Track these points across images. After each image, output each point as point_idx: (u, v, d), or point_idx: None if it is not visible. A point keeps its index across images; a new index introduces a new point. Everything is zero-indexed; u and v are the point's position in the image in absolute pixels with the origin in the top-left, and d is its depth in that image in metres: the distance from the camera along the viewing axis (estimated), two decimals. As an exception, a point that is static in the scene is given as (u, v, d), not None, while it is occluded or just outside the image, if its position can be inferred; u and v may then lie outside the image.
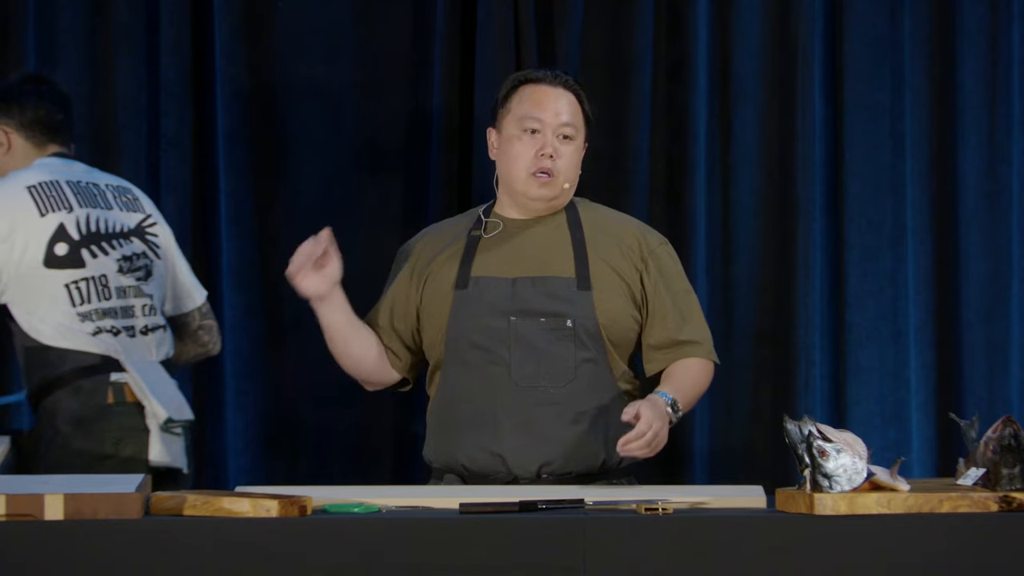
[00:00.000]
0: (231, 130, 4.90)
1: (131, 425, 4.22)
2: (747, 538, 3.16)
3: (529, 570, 3.11)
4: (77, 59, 4.89)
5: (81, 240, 4.25)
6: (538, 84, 3.89)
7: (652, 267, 3.90)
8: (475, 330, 3.82)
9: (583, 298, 3.82)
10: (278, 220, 4.93)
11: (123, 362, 4.24)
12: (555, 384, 3.78)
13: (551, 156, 3.84)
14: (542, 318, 3.80)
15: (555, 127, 3.85)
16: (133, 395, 4.24)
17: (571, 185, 3.88)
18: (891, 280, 4.94)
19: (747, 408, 4.92)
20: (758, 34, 4.94)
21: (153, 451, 4.24)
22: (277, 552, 3.11)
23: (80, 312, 4.22)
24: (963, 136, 4.95)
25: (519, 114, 3.87)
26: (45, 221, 4.22)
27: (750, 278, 4.93)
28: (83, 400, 4.19)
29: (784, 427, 3.30)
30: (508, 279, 3.83)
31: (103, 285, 4.27)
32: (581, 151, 3.90)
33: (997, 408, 4.83)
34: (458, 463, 3.82)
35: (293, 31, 4.93)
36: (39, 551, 3.08)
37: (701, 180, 4.91)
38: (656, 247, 3.92)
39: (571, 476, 3.78)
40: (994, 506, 3.21)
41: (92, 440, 4.18)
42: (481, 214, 3.95)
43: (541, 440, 3.76)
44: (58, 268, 4.22)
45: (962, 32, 4.95)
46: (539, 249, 3.87)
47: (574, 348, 3.80)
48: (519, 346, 3.79)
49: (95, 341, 4.23)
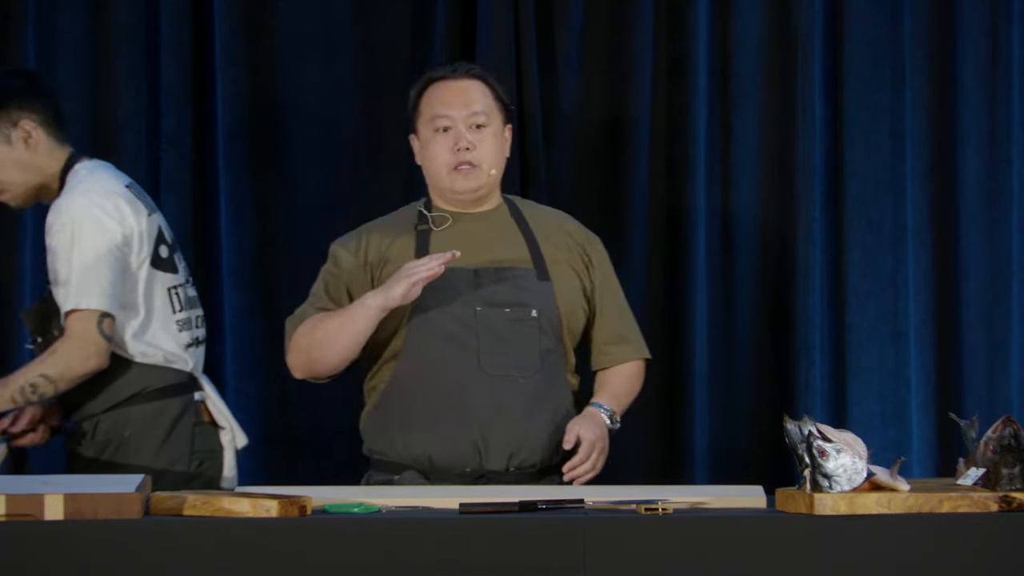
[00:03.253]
0: (231, 130, 4.89)
1: (209, 447, 4.18)
2: (747, 538, 3.16)
3: (529, 570, 3.11)
4: (77, 59, 4.88)
5: (172, 245, 4.22)
6: (442, 81, 3.94)
7: (595, 261, 3.98)
8: (442, 319, 3.82)
9: (544, 288, 3.86)
10: (278, 220, 4.93)
11: (202, 380, 4.20)
12: (523, 374, 3.81)
13: (467, 148, 3.86)
14: (507, 308, 3.82)
15: (465, 119, 3.88)
16: (209, 414, 4.21)
17: (498, 171, 3.92)
18: (891, 280, 4.94)
19: (747, 408, 4.92)
20: (758, 34, 4.94)
21: (227, 473, 4.21)
22: (277, 552, 3.11)
23: (179, 320, 4.17)
24: (963, 136, 4.95)
25: (428, 115, 3.92)
26: (151, 220, 4.16)
27: (750, 278, 4.93)
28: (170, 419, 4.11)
29: (784, 427, 3.30)
30: (470, 269, 3.85)
31: (186, 294, 4.23)
32: (502, 136, 3.94)
33: (997, 408, 4.82)
34: (425, 455, 3.80)
35: (293, 31, 4.93)
36: (39, 551, 3.08)
37: (701, 180, 4.91)
38: (595, 243, 4.02)
39: (535, 468, 3.80)
40: (994, 506, 3.21)
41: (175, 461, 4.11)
42: (422, 209, 3.96)
43: (511, 430, 3.78)
44: (163, 271, 4.16)
45: (962, 32, 4.95)
46: (492, 241, 3.90)
47: (538, 338, 3.83)
48: (487, 335, 3.80)
49: (187, 356, 4.15)
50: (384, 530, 3.17)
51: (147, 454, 4.08)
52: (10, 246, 4.85)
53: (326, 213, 4.91)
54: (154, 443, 4.10)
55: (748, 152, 4.95)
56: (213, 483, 4.15)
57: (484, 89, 3.93)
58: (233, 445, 4.21)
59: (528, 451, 3.80)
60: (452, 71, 3.95)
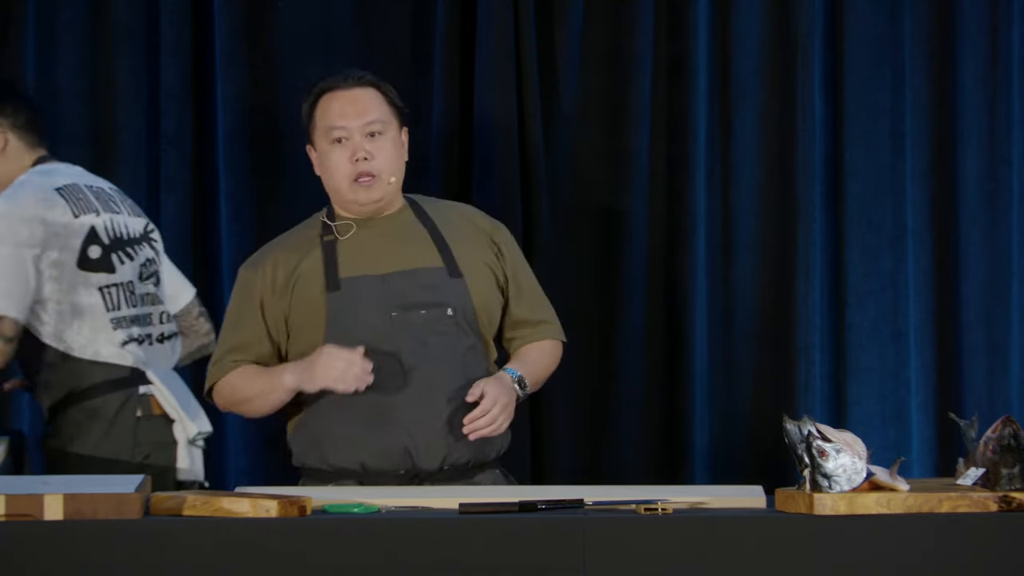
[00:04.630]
0: (231, 130, 4.90)
1: (158, 439, 4.20)
2: (747, 538, 3.16)
3: (529, 570, 3.11)
4: (77, 59, 4.88)
5: (110, 245, 4.22)
6: (333, 92, 3.91)
7: (504, 249, 3.96)
8: (357, 329, 3.80)
9: (457, 286, 3.84)
10: (278, 220, 4.92)
11: (149, 373, 4.22)
12: (446, 373, 3.79)
13: (366, 159, 3.85)
14: (422, 310, 3.81)
15: (361, 128, 3.86)
16: (159, 407, 4.22)
17: (397, 179, 3.90)
18: (891, 280, 4.94)
19: (747, 408, 4.92)
20: (758, 34, 4.94)
21: (181, 465, 4.22)
22: (277, 552, 3.11)
23: (113, 318, 4.19)
24: (963, 136, 4.95)
25: (324, 127, 3.89)
26: (79, 223, 4.17)
27: (750, 278, 4.93)
28: (112, 414, 4.15)
29: (784, 427, 3.30)
30: (379, 276, 3.84)
31: (130, 292, 4.24)
32: (399, 141, 3.92)
33: (997, 408, 4.82)
34: (357, 462, 3.80)
35: (293, 31, 4.93)
36: (39, 551, 3.08)
37: (701, 180, 4.91)
38: (501, 230, 4.00)
39: (469, 465, 3.80)
40: (994, 506, 3.21)
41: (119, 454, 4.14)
42: (325, 220, 3.94)
43: (441, 430, 3.77)
44: (92, 271, 4.18)
45: (962, 32, 4.95)
46: (399, 244, 3.88)
47: (457, 336, 3.82)
48: (406, 339, 3.79)
49: (124, 352, 4.19)
50: (384, 530, 3.17)
51: (90, 447, 4.13)
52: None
53: (326, 213, 4.91)
54: (95, 437, 4.13)
55: (748, 152, 4.95)
56: (165, 475, 4.16)
57: (377, 96, 3.91)
58: (185, 436, 4.23)
59: (460, 449, 3.79)
60: (343, 80, 3.91)
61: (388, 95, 3.93)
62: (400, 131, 3.94)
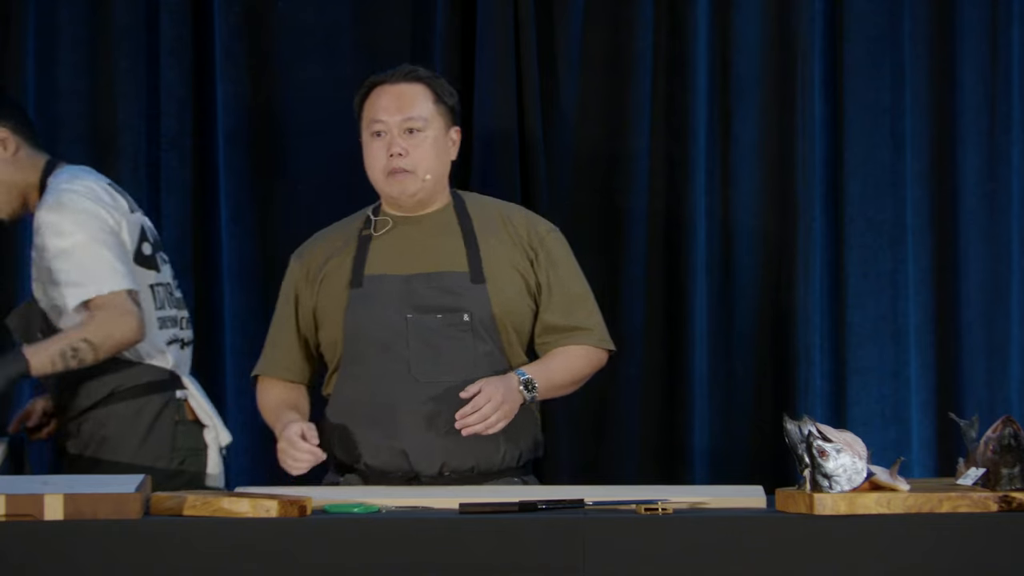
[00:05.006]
0: (231, 130, 4.90)
1: (192, 445, 4.18)
2: (747, 538, 3.16)
3: (529, 570, 3.11)
4: (77, 59, 4.88)
5: (155, 244, 4.22)
6: (380, 86, 3.93)
7: (542, 255, 3.92)
8: (372, 328, 3.83)
9: (478, 291, 3.84)
10: (278, 220, 4.93)
11: (184, 379, 4.21)
12: (455, 379, 3.78)
13: (400, 154, 3.85)
14: (438, 314, 3.82)
15: (398, 124, 3.87)
16: (193, 413, 4.21)
17: (433, 177, 3.89)
18: (891, 280, 4.94)
19: (747, 408, 4.91)
20: (758, 34, 4.94)
21: (211, 471, 4.21)
22: (277, 552, 3.11)
23: (160, 317, 4.18)
24: (963, 136, 4.95)
25: (367, 119, 3.92)
26: (134, 218, 4.16)
27: (750, 278, 4.93)
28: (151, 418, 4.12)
29: (784, 427, 3.30)
30: (401, 276, 3.85)
31: (169, 293, 4.24)
32: (442, 140, 3.91)
33: (997, 408, 4.82)
34: (360, 460, 3.82)
35: (293, 31, 4.93)
36: (39, 551, 3.08)
37: (701, 180, 4.91)
38: (545, 234, 3.95)
39: (473, 472, 3.79)
40: (994, 506, 3.21)
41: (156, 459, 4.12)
42: (370, 213, 3.96)
43: (443, 436, 3.78)
44: (145, 268, 4.17)
45: (962, 32, 4.94)
46: (430, 245, 3.89)
47: (472, 342, 3.81)
48: (417, 342, 3.80)
49: (166, 354, 4.16)
50: (384, 530, 3.17)
51: (128, 451, 4.10)
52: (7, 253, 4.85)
53: (326, 213, 4.90)
54: (134, 441, 4.11)
55: (748, 152, 4.94)
56: (196, 480, 4.15)
57: (425, 93, 3.91)
58: (217, 443, 4.22)
59: (461, 456, 3.78)
60: (391, 75, 3.93)
61: (438, 92, 3.93)
62: (447, 130, 3.94)
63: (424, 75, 3.94)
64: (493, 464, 3.83)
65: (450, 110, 3.95)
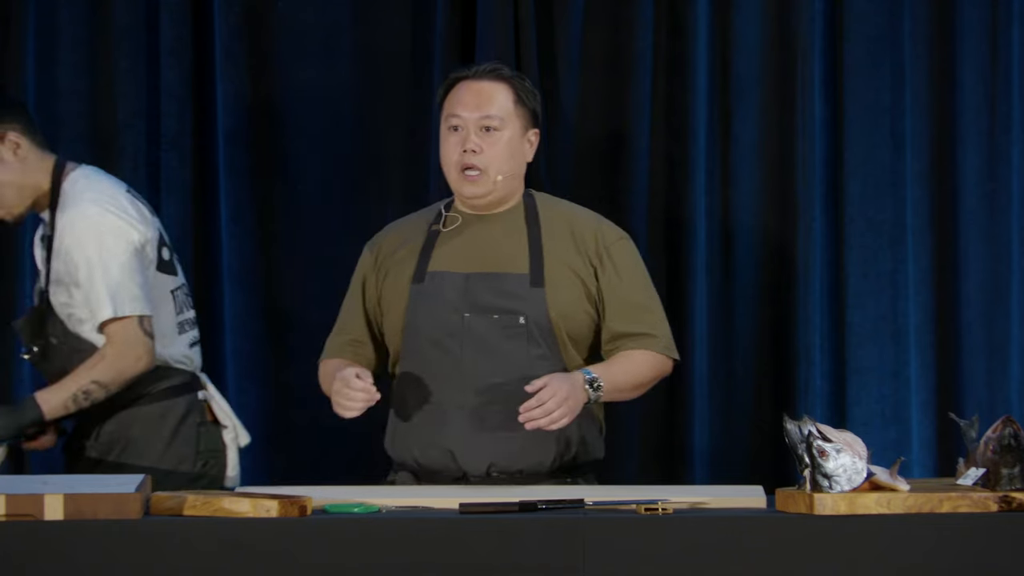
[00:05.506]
0: (231, 130, 4.90)
1: (213, 447, 4.19)
2: (747, 538, 3.16)
3: (529, 570, 3.11)
4: (77, 59, 4.88)
5: (171, 247, 4.23)
6: (463, 81, 3.91)
7: (608, 262, 3.89)
8: (429, 325, 3.82)
9: (535, 295, 3.82)
10: (278, 220, 4.93)
11: (203, 379, 4.20)
12: (507, 381, 3.78)
13: (473, 151, 3.83)
14: (495, 315, 3.81)
15: (475, 121, 3.85)
16: (212, 414, 4.21)
17: (505, 177, 3.86)
18: (891, 280, 4.94)
19: (747, 408, 4.91)
20: (758, 34, 4.94)
21: (231, 472, 4.22)
22: (277, 552, 3.11)
23: (180, 321, 4.18)
24: (963, 136, 4.95)
25: (445, 113, 3.90)
26: (154, 224, 4.17)
27: (750, 278, 4.93)
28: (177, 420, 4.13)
29: (784, 427, 3.30)
30: (462, 274, 3.84)
31: (186, 295, 4.24)
32: (518, 140, 3.88)
33: (997, 408, 4.82)
34: (411, 457, 3.82)
35: (293, 31, 4.93)
36: (39, 551, 3.08)
37: (701, 180, 4.91)
38: (613, 242, 3.92)
39: (521, 474, 3.78)
40: (994, 506, 3.21)
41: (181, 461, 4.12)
42: (442, 208, 3.96)
43: (491, 437, 3.77)
44: (166, 273, 4.17)
45: (962, 32, 4.94)
46: (494, 245, 3.87)
47: (526, 345, 3.80)
48: (471, 342, 3.79)
49: (190, 355, 4.17)
50: (384, 530, 3.17)
51: (153, 455, 4.09)
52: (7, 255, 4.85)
53: (326, 213, 4.92)
54: (160, 443, 4.11)
55: (748, 152, 4.94)
56: (217, 483, 4.15)
57: (506, 92, 3.88)
58: (236, 444, 4.22)
59: (510, 457, 3.78)
60: (475, 71, 3.90)
61: (519, 93, 3.89)
62: (524, 131, 3.90)
63: (507, 74, 3.91)
64: (543, 466, 3.81)
65: (531, 112, 3.91)
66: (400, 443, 3.87)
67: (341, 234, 4.91)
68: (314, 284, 4.89)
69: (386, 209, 4.94)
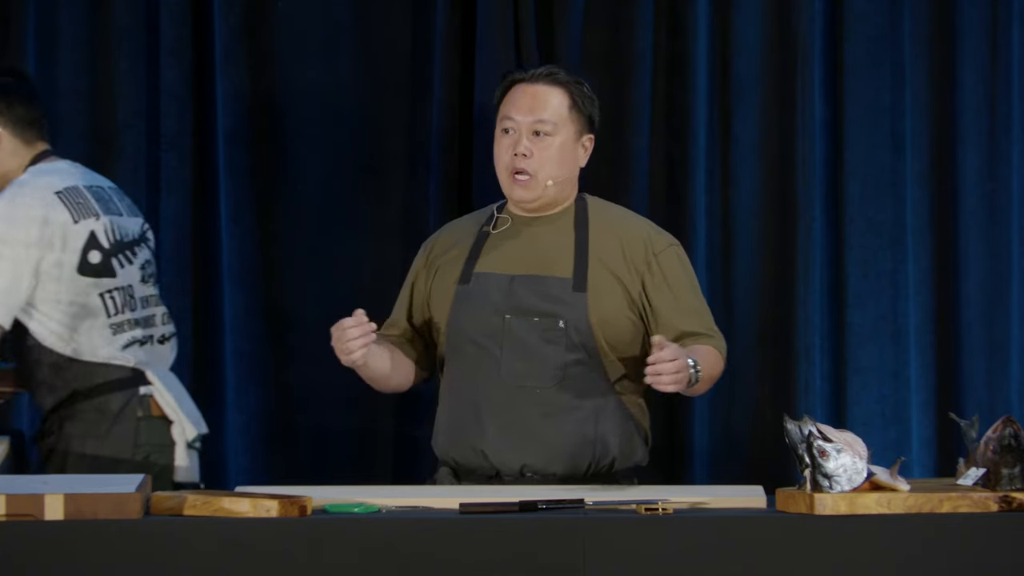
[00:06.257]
0: (231, 130, 4.90)
1: (158, 440, 4.20)
2: (747, 538, 3.16)
3: (529, 570, 3.11)
4: (77, 59, 4.88)
5: (111, 248, 4.22)
6: (519, 84, 3.89)
7: (656, 270, 3.86)
8: (472, 326, 3.83)
9: (577, 299, 3.80)
10: (278, 220, 4.93)
11: (149, 375, 4.22)
12: (542, 384, 3.77)
13: (524, 155, 3.82)
14: (536, 317, 3.80)
15: (528, 124, 3.83)
16: (159, 409, 4.22)
17: (555, 182, 3.85)
18: (891, 280, 4.94)
19: (747, 408, 4.92)
20: (758, 34, 4.94)
21: (179, 466, 4.23)
22: (277, 552, 3.11)
23: (113, 323, 4.19)
24: (963, 136, 4.95)
25: (500, 115, 3.89)
26: (78, 228, 4.16)
27: (750, 278, 4.93)
28: (114, 413, 4.16)
29: (784, 427, 3.30)
30: (507, 276, 3.84)
31: (130, 296, 4.24)
32: (571, 146, 3.86)
33: (997, 408, 4.82)
34: (449, 455, 3.84)
35: (293, 31, 4.93)
36: (39, 551, 3.08)
37: (701, 180, 4.91)
38: (662, 250, 3.89)
39: (555, 477, 3.78)
40: (994, 506, 3.21)
41: (119, 454, 4.15)
42: (495, 210, 3.96)
43: (524, 439, 3.77)
44: (92, 276, 4.17)
45: (962, 32, 4.95)
46: (541, 248, 3.86)
47: (564, 349, 3.79)
48: (510, 344, 3.79)
49: (126, 355, 4.20)
50: (384, 530, 3.17)
51: (91, 447, 4.14)
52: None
53: (326, 213, 4.92)
54: (97, 437, 4.14)
55: (748, 152, 4.94)
56: (163, 475, 4.16)
57: (561, 96, 3.85)
58: (184, 438, 4.23)
59: (544, 460, 3.77)
60: (532, 74, 3.87)
61: (575, 98, 3.86)
62: (579, 136, 3.87)
63: (564, 79, 3.87)
64: (579, 469, 3.80)
65: (586, 117, 3.88)
66: (441, 441, 3.88)
67: (341, 234, 4.91)
68: (314, 284, 4.89)
69: (386, 209, 4.94)
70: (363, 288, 4.87)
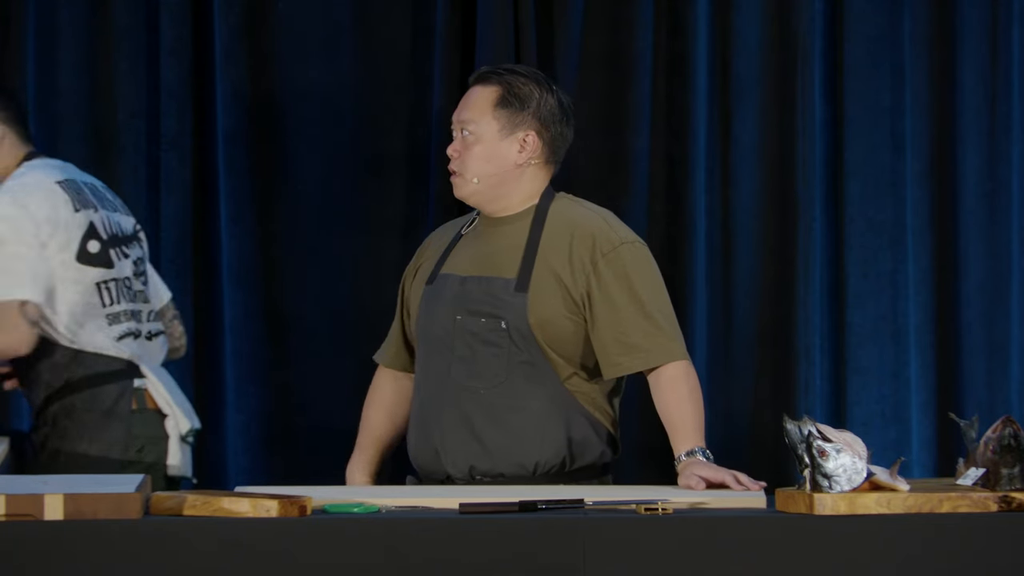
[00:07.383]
0: (231, 130, 4.90)
1: (151, 433, 4.21)
2: (747, 538, 3.16)
3: (529, 570, 3.11)
4: (77, 59, 4.89)
5: (108, 240, 4.23)
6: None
7: (601, 269, 3.77)
8: (431, 326, 3.84)
9: (518, 299, 3.78)
10: (278, 220, 4.94)
11: (143, 367, 4.23)
12: (486, 385, 3.77)
13: (452, 155, 3.84)
14: (482, 318, 3.79)
15: (456, 124, 3.86)
16: (153, 402, 4.23)
17: (483, 180, 3.81)
18: (891, 280, 4.94)
19: (747, 408, 4.92)
20: (758, 34, 4.94)
21: (172, 460, 4.23)
22: (277, 552, 3.11)
23: (109, 313, 4.20)
24: (963, 136, 4.95)
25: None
26: (78, 217, 4.17)
27: (750, 278, 4.93)
28: (108, 405, 4.16)
29: (784, 427, 3.30)
30: (460, 277, 3.84)
31: (127, 287, 4.25)
32: (496, 143, 3.81)
33: (997, 408, 4.83)
34: (416, 459, 3.86)
35: (293, 31, 4.93)
36: (39, 551, 3.08)
37: (701, 180, 4.91)
38: (610, 250, 3.79)
39: (504, 478, 3.77)
40: (994, 506, 3.21)
41: (112, 446, 4.16)
42: (475, 213, 3.96)
43: (472, 439, 3.77)
44: (90, 265, 4.18)
45: (962, 32, 4.95)
46: (495, 249, 3.85)
47: (508, 350, 3.78)
48: (461, 344, 3.79)
49: (120, 346, 4.20)
50: (384, 530, 3.17)
51: (84, 439, 4.14)
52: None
53: (326, 213, 4.92)
54: (90, 428, 4.14)
55: (748, 152, 4.95)
56: (155, 469, 4.17)
57: (492, 94, 3.83)
58: (177, 431, 4.23)
59: (490, 462, 3.77)
60: (474, 75, 3.90)
61: (507, 94, 3.82)
62: (510, 132, 3.81)
63: (496, 76, 3.84)
64: (525, 469, 3.78)
65: (526, 112, 3.81)
66: (407, 442, 3.90)
67: (341, 234, 4.91)
68: (314, 284, 4.89)
69: (386, 209, 4.94)
70: (363, 288, 4.88)
